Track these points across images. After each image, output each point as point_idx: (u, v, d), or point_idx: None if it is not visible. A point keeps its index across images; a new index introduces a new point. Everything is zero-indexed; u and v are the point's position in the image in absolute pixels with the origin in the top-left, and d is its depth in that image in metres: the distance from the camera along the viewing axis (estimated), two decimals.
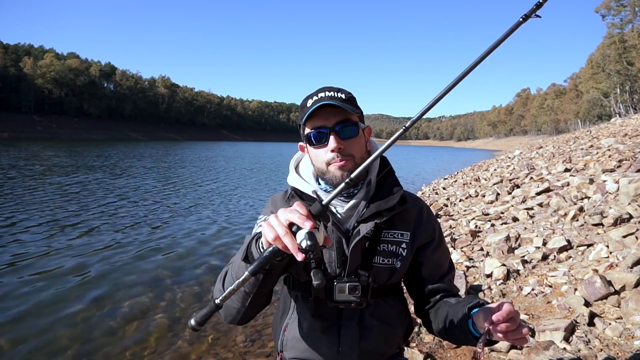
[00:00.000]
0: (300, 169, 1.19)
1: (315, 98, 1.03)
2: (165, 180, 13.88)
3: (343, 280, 1.04)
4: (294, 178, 1.16)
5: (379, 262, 1.06)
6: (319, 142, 1.03)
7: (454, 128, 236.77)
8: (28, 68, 75.93)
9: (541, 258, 3.59)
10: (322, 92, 1.04)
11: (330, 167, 1.03)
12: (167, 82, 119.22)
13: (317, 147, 1.04)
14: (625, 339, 2.26)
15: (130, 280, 4.43)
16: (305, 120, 1.02)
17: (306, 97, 1.07)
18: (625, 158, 6.90)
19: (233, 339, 3.20)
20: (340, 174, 1.02)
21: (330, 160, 1.02)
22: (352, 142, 1.03)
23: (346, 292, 1.03)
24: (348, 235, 1.06)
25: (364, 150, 1.07)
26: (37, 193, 9.52)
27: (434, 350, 2.48)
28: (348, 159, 1.02)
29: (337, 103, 0.98)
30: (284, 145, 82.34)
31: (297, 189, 1.13)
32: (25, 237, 5.86)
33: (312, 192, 1.09)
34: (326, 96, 1.01)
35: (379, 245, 1.07)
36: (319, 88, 1.08)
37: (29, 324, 3.42)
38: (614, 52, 48.43)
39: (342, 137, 1.01)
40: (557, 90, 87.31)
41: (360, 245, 1.05)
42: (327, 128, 1.01)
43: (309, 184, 1.12)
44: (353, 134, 1.03)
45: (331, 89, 1.05)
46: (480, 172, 13.74)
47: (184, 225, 7.18)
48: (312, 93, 1.07)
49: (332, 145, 1.00)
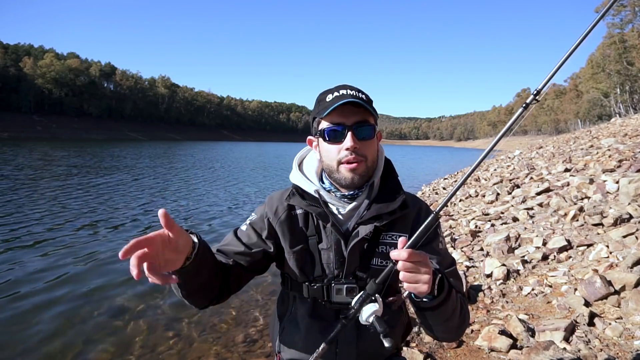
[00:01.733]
0: (304, 166, 1.18)
1: (336, 94, 1.01)
2: (168, 180, 13.89)
3: (341, 282, 1.04)
4: (296, 176, 1.14)
5: (377, 264, 1.05)
6: (333, 139, 1.01)
7: (454, 128, 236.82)
8: (28, 68, 75.92)
9: (541, 258, 3.59)
10: (344, 89, 1.02)
11: (341, 167, 1.02)
12: (167, 82, 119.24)
13: (331, 143, 1.02)
14: (625, 339, 2.26)
15: (130, 280, 4.43)
16: (324, 115, 1.00)
17: (324, 92, 1.06)
18: (625, 158, 6.90)
19: (233, 339, 3.20)
20: (351, 176, 1.02)
21: (343, 159, 1.01)
22: (367, 144, 1.02)
23: (344, 294, 1.03)
24: (347, 236, 1.05)
25: (376, 154, 1.07)
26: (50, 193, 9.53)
27: (434, 350, 2.48)
28: (360, 161, 1.01)
29: (361, 102, 0.98)
30: (284, 145, 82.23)
31: (298, 187, 1.11)
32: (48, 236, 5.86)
33: (314, 192, 1.08)
34: (348, 94, 1.00)
35: (377, 247, 1.06)
36: (339, 85, 1.06)
37: (26, 324, 3.42)
38: (614, 52, 48.40)
39: (359, 137, 1.01)
40: (557, 90, 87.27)
41: (358, 246, 1.04)
42: (346, 126, 1.00)
43: (312, 182, 1.11)
44: (369, 135, 1.02)
45: (352, 87, 1.04)
46: (480, 172, 13.74)
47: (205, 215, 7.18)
48: (331, 88, 1.05)
49: (349, 144, 0.99)
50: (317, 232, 1.09)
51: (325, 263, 1.07)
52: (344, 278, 1.05)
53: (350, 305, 0.93)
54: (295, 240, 1.10)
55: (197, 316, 3.61)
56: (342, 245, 1.05)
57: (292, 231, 1.11)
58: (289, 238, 1.10)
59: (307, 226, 1.10)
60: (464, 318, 1.01)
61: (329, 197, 1.08)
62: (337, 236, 1.05)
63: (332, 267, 1.06)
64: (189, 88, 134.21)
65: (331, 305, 1.06)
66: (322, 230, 1.08)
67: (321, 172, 1.14)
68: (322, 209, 1.06)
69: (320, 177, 1.13)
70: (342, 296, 1.03)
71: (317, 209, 1.06)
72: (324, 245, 1.08)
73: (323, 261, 1.08)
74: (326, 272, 1.07)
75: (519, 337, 2.44)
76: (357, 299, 0.91)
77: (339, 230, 1.05)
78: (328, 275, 1.07)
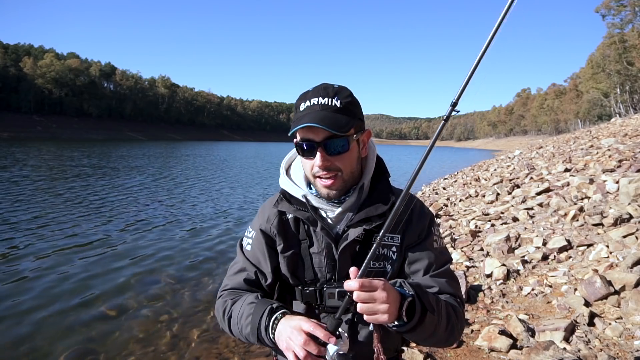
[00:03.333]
0: (291, 171, 1.16)
1: (307, 104, 0.98)
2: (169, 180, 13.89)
3: (333, 286, 1.02)
4: (284, 180, 1.13)
5: (370, 266, 1.04)
6: (307, 154, 1.00)
7: (454, 128, 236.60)
8: (28, 68, 75.91)
9: (541, 258, 3.59)
10: (316, 97, 0.97)
11: (317, 181, 1.01)
12: (167, 82, 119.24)
13: (305, 158, 1.01)
14: (625, 339, 2.26)
15: (130, 280, 4.43)
16: (292, 132, 0.99)
17: (301, 96, 1.02)
18: (625, 158, 6.91)
19: (233, 339, 3.20)
20: (326, 192, 1.01)
21: (316, 174, 1.00)
22: (341, 158, 0.99)
23: (335, 298, 1.01)
24: (338, 240, 1.04)
25: (354, 163, 1.03)
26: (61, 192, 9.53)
27: (434, 350, 2.48)
28: (335, 177, 0.99)
29: (324, 126, 0.92)
30: (285, 145, 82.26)
31: (286, 192, 1.10)
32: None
33: (301, 197, 1.06)
34: (319, 104, 0.96)
35: (370, 250, 1.06)
36: (315, 87, 1.02)
37: (23, 325, 3.42)
38: (614, 52, 48.42)
39: (331, 152, 0.97)
40: (557, 90, 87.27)
41: (349, 249, 1.03)
42: (315, 142, 0.96)
43: (299, 187, 1.09)
44: (342, 149, 0.98)
45: (327, 92, 0.98)
46: (480, 172, 13.74)
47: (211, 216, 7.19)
48: (307, 93, 1.01)
49: (318, 162, 0.97)
50: (308, 236, 1.08)
51: (317, 267, 1.06)
52: (337, 282, 1.04)
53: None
54: (287, 245, 1.09)
55: (197, 316, 3.61)
56: (332, 248, 1.04)
57: (284, 236, 1.10)
58: (281, 243, 1.10)
59: (299, 230, 1.09)
60: (452, 328, 0.97)
61: (317, 201, 1.06)
62: (327, 240, 1.04)
63: (325, 271, 1.05)
64: (189, 88, 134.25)
65: (324, 309, 1.05)
66: (313, 234, 1.07)
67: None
68: (310, 213, 1.05)
69: (309, 182, 1.11)
70: (334, 300, 1.01)
71: (305, 214, 1.05)
72: (315, 249, 1.07)
73: (315, 265, 1.07)
74: (318, 276, 1.06)
75: (519, 337, 2.44)
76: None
77: (329, 234, 1.04)
78: (320, 279, 1.06)
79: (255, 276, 1.12)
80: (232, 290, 1.12)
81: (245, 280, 1.12)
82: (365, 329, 1.06)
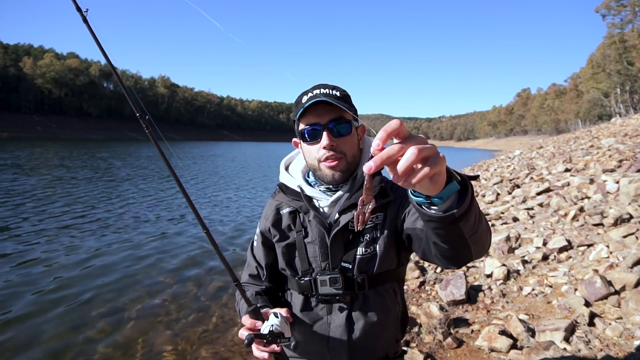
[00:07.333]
0: (291, 167, 1.24)
1: (310, 94, 1.04)
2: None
3: (325, 274, 1.06)
4: (282, 175, 1.21)
5: (362, 252, 1.06)
6: (312, 138, 1.04)
7: (454, 128, 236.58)
8: (28, 68, 75.94)
9: (541, 258, 3.59)
10: (317, 89, 1.05)
11: (321, 164, 1.05)
12: (167, 82, 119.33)
13: (310, 144, 1.05)
14: (625, 339, 2.26)
15: (130, 280, 4.43)
16: (300, 116, 1.04)
17: (301, 94, 1.08)
18: (625, 158, 6.91)
19: (233, 339, 3.19)
20: (331, 173, 1.05)
21: (322, 157, 1.04)
22: (345, 140, 1.04)
23: (327, 285, 1.05)
24: (330, 228, 1.07)
25: (356, 148, 1.08)
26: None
27: (434, 350, 2.48)
28: (340, 158, 1.04)
29: (332, 100, 0.98)
30: (286, 145, 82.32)
31: (282, 184, 1.18)
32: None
33: (297, 187, 1.13)
34: (321, 93, 1.03)
35: (362, 236, 1.06)
36: (315, 85, 1.09)
37: (22, 325, 3.42)
38: (614, 52, 48.42)
39: (335, 134, 1.03)
40: (558, 90, 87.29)
41: (341, 235, 1.06)
42: (321, 125, 1.02)
43: (294, 178, 1.16)
44: (346, 131, 1.04)
45: (326, 86, 1.06)
46: (480, 172, 13.74)
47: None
48: (307, 90, 1.08)
49: (325, 142, 1.01)
50: (303, 227, 1.12)
51: (312, 256, 1.09)
52: (331, 269, 1.06)
53: (337, 297, 1.02)
54: (282, 237, 1.15)
55: (197, 316, 3.61)
56: (325, 237, 1.06)
57: (279, 229, 1.15)
58: (277, 236, 1.15)
59: (295, 223, 1.13)
60: (488, 228, 0.81)
61: (312, 191, 1.11)
62: (320, 228, 1.07)
63: (319, 260, 1.08)
64: (189, 88, 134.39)
65: (320, 298, 1.08)
66: (308, 224, 1.11)
67: (307, 170, 1.18)
68: (304, 202, 1.10)
69: (307, 174, 1.18)
70: (326, 287, 1.05)
71: (299, 203, 1.11)
72: (310, 239, 1.10)
73: (309, 255, 1.10)
74: (313, 265, 1.09)
75: (519, 337, 2.44)
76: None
77: (322, 222, 1.07)
78: (315, 269, 1.09)
79: (257, 271, 1.23)
80: (243, 284, 1.21)
81: (250, 275, 1.24)
82: (361, 321, 1.07)
